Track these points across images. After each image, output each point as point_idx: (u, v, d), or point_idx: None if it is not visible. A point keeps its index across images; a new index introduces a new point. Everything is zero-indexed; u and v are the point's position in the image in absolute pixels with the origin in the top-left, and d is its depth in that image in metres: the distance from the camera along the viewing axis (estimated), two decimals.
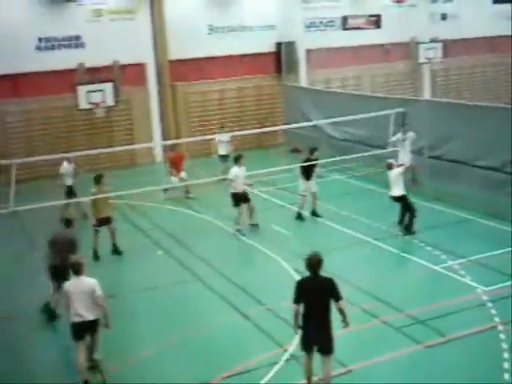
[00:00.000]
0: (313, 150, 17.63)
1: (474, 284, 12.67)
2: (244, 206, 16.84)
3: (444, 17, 31.98)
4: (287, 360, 10.25)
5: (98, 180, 15.71)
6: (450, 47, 31.16)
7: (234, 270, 14.31)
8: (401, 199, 15.73)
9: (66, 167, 18.73)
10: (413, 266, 14.00)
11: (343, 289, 12.68)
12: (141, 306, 12.79)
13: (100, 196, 15.52)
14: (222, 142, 21.93)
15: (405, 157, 18.65)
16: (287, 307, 11.60)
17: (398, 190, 15.67)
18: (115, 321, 11.51)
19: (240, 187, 16.73)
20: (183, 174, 20.50)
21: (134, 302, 12.88)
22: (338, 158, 20.00)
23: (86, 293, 9.68)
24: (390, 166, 15.85)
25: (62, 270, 11.31)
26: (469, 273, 13.19)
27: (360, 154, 20.04)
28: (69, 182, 18.68)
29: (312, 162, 17.52)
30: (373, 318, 11.59)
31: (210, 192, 20.40)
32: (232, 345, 11.06)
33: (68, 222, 12.90)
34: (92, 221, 15.76)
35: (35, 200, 17.88)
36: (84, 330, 9.85)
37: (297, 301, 8.79)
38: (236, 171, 16.74)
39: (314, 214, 17.70)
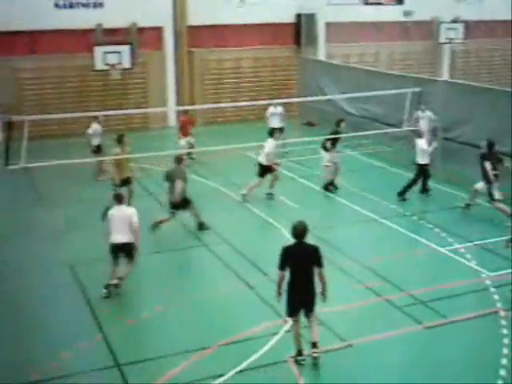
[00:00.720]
0: (339, 122, 17.77)
1: (479, 268, 12.65)
2: (264, 179, 16.98)
3: None
4: (287, 331, 10.29)
5: (120, 140, 15.95)
6: (472, 28, 30.76)
7: (240, 238, 14.34)
8: (420, 167, 16.67)
9: (94, 127, 19.14)
10: (419, 246, 13.98)
11: (347, 265, 12.80)
12: (145, 269, 12.85)
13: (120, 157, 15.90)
14: (275, 115, 21.42)
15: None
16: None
17: (421, 159, 16.63)
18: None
19: (272, 159, 16.85)
20: (190, 138, 20.67)
21: (138, 264, 12.94)
22: (351, 134, 19.88)
23: (126, 219, 11.36)
24: (419, 135, 16.90)
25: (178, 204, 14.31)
26: (474, 257, 13.17)
27: (374, 132, 19.93)
28: (95, 141, 19.20)
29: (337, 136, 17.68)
30: (375, 295, 11.62)
31: (218, 159, 20.37)
32: (233, 313, 11.14)
33: (179, 160, 14.76)
34: (114, 181, 15.98)
35: (46, 158, 17.99)
36: (119, 250, 11.48)
37: (282, 267, 9.19)
38: (273, 144, 16.83)
39: (332, 186, 17.71)
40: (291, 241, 9.42)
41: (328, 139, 17.62)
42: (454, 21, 30.80)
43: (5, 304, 11.57)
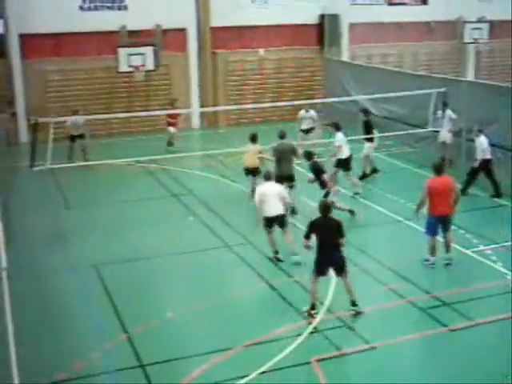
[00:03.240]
0: (366, 112, 19.10)
1: (505, 270, 12.50)
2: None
3: None
4: (311, 333, 10.29)
5: (253, 138, 16.98)
6: (496, 28, 30.46)
7: (263, 239, 14.33)
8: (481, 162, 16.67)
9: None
10: (444, 248, 13.88)
11: (372, 266, 12.74)
12: (169, 270, 12.92)
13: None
14: (306, 118, 21.35)
15: (446, 135, 18.78)
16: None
17: (481, 155, 16.67)
18: (144, 283, 11.73)
19: (347, 152, 17.05)
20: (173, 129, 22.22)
21: (162, 265, 13.01)
22: (376, 135, 19.81)
23: (276, 194, 12.86)
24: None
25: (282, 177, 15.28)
26: (500, 259, 13.02)
27: (398, 132, 19.82)
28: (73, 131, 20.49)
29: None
30: (399, 297, 11.55)
31: (241, 161, 20.33)
32: (256, 314, 11.15)
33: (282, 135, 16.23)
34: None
35: (71, 159, 18.21)
36: (273, 222, 13.01)
37: (307, 236, 11.00)
38: (342, 137, 17.02)
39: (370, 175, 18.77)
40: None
41: (368, 130, 18.63)
42: (479, 21, 30.53)
43: (31, 304, 11.68)
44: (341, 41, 28.31)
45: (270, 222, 13.09)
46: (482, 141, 16.66)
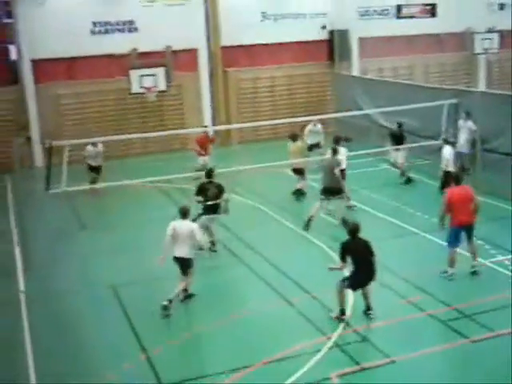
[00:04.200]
0: (400, 124, 19.72)
1: None
2: None
3: (502, 7, 31.17)
4: (330, 348, 10.22)
5: (294, 138, 18.21)
6: (507, 38, 30.40)
7: (279, 255, 14.30)
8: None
9: (88, 149, 19.89)
10: (462, 259, 13.72)
11: (390, 279, 12.67)
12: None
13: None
14: (314, 133, 21.40)
15: (464, 145, 18.78)
16: (331, 296, 11.67)
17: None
18: (157, 303, 11.68)
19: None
20: (207, 158, 20.82)
21: (178, 284, 12.99)
22: (388, 148, 19.79)
23: (186, 234, 11.76)
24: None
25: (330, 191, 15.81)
26: None
27: (411, 145, 19.78)
28: (92, 162, 20.07)
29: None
30: (419, 310, 11.45)
31: (254, 178, 20.40)
32: (275, 331, 11.07)
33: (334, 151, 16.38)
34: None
35: (86, 181, 18.28)
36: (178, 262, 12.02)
37: (343, 259, 11.04)
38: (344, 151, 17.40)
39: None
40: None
41: (397, 141, 19.52)
42: (489, 31, 30.50)
43: (49, 326, 11.71)
44: (351, 55, 28.38)
45: (177, 262, 12.06)
46: (446, 152, 16.86)
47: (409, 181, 19.58)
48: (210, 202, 14.21)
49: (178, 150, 25.37)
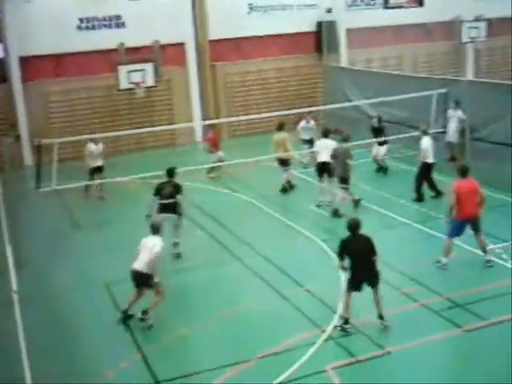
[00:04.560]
0: (380, 118, 20.01)
1: None
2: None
3: None
4: (325, 340, 10.26)
5: (280, 127, 18.59)
6: (494, 26, 30.42)
7: (273, 250, 14.32)
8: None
9: (90, 148, 18.97)
10: (454, 249, 13.81)
11: (383, 271, 12.65)
12: (179, 286, 12.89)
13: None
14: (307, 129, 21.12)
15: (453, 135, 18.98)
16: (325, 288, 11.71)
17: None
18: (151, 300, 11.67)
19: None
20: (221, 153, 20.63)
21: (172, 281, 12.98)
22: (377, 139, 19.80)
23: (149, 248, 11.25)
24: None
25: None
26: (511, 257, 12.98)
27: (400, 135, 19.81)
28: (91, 163, 18.95)
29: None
30: (412, 301, 11.51)
31: (247, 171, 20.41)
32: (269, 325, 11.10)
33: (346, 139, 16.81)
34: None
35: (76, 179, 18.21)
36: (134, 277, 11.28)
37: (341, 257, 10.61)
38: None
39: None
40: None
41: (377, 134, 19.66)
42: (476, 19, 30.51)
43: (43, 325, 11.69)
44: (339, 47, 28.34)
45: (133, 277, 11.32)
46: (424, 143, 16.73)
47: (381, 169, 19.94)
48: (163, 201, 13.85)
49: (167, 146, 25.32)
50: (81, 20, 24.70)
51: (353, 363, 9.66)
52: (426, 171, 16.82)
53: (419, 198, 16.82)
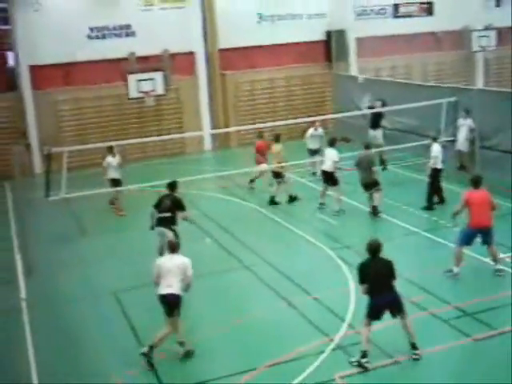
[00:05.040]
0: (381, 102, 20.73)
1: None
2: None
3: (498, 3, 31.14)
4: (333, 349, 10.21)
5: (276, 139, 18.88)
6: (504, 35, 30.38)
7: (281, 258, 14.29)
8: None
9: (108, 160, 18.42)
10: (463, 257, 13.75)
11: None
12: (187, 294, 12.82)
13: None
14: (315, 136, 20.75)
15: (464, 143, 18.91)
16: (333, 297, 11.65)
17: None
18: (159, 309, 11.65)
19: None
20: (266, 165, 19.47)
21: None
22: (387, 148, 19.78)
23: (175, 269, 10.44)
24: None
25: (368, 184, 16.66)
26: None
27: (410, 144, 19.77)
28: (111, 175, 18.40)
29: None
30: (420, 309, 11.43)
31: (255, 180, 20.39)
32: (277, 333, 11.05)
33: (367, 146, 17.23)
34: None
35: (86, 187, 18.25)
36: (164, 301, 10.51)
37: (362, 281, 9.96)
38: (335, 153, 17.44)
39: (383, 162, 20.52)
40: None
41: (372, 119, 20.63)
42: (486, 28, 30.47)
43: (51, 333, 11.70)
44: (348, 55, 28.36)
45: (163, 302, 10.43)
46: (434, 149, 16.67)
47: (383, 163, 20.60)
48: (160, 215, 13.62)
49: (177, 154, 25.37)
50: (91, 29, 24.86)
51: (361, 372, 9.60)
52: (435, 177, 16.76)
53: (429, 207, 16.75)
